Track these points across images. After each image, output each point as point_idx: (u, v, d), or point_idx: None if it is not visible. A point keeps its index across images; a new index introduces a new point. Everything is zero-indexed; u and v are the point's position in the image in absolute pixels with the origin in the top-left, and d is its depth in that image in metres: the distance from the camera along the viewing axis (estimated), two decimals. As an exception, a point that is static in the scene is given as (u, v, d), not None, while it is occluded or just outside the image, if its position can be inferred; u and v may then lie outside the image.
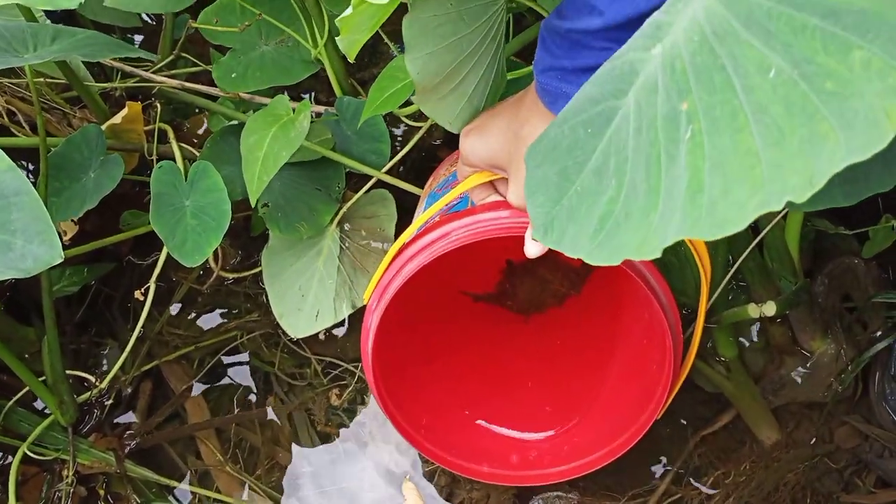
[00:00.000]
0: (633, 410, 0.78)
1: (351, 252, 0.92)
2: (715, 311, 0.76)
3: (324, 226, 0.91)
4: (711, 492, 0.84)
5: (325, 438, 0.92)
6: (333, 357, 0.95)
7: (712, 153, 0.35)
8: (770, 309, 0.63)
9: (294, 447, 0.92)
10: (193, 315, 0.99)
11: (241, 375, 0.97)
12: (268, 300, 0.98)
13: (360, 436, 0.91)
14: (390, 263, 0.70)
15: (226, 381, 0.96)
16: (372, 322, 0.71)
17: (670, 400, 0.76)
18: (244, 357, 0.97)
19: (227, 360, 0.97)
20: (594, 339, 0.87)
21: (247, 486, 0.90)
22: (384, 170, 0.88)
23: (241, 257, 0.99)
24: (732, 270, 0.70)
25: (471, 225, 0.66)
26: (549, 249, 0.47)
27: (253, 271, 0.98)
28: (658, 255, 0.38)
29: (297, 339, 0.96)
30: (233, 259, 0.98)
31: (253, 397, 0.96)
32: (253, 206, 0.85)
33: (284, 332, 0.96)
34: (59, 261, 0.63)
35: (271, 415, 0.94)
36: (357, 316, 0.92)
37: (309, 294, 0.90)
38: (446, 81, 0.57)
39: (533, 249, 0.63)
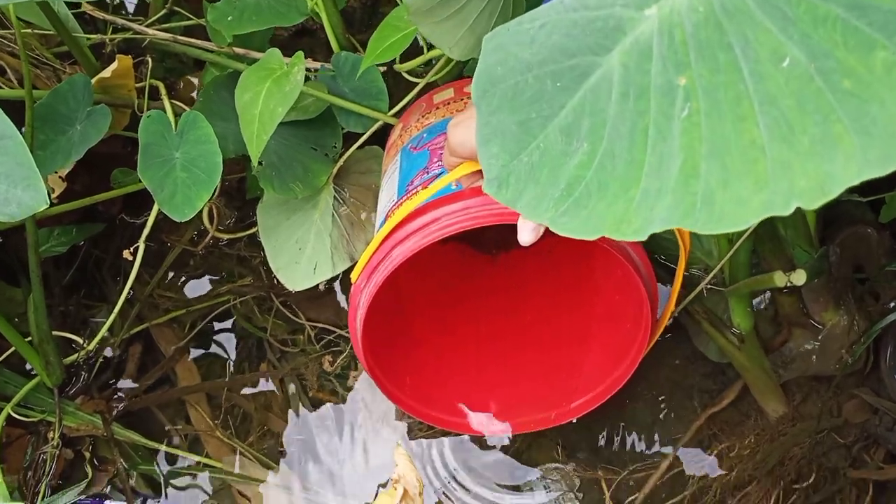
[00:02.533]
0: (611, 364, 0.78)
1: (347, 206, 0.89)
2: (734, 278, 0.73)
3: (319, 186, 0.88)
4: (715, 465, 0.81)
5: (318, 405, 0.90)
6: (327, 323, 0.92)
7: (711, 137, 0.33)
8: (799, 277, 0.59)
9: (287, 414, 0.90)
10: (185, 278, 0.97)
11: (232, 340, 0.94)
12: (261, 265, 0.95)
13: (353, 402, 0.89)
14: (380, 244, 0.67)
15: (217, 345, 0.94)
16: (361, 301, 0.69)
17: (644, 352, 0.75)
18: (236, 322, 0.95)
19: (218, 324, 0.95)
20: (568, 294, 0.86)
21: (238, 453, 0.87)
22: (378, 125, 0.85)
23: (235, 219, 0.96)
24: (747, 234, 0.67)
25: (461, 211, 0.64)
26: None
27: (248, 232, 0.95)
28: (643, 237, 0.36)
29: (290, 305, 0.94)
30: (227, 220, 0.95)
31: (245, 363, 0.93)
32: (255, 165, 0.82)
33: (278, 296, 0.94)
34: (45, 206, 0.61)
35: (263, 381, 0.91)
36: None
37: (306, 247, 0.87)
38: (443, 5, 0.54)
39: (527, 237, 0.60)
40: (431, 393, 0.81)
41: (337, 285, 0.94)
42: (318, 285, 0.89)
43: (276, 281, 0.91)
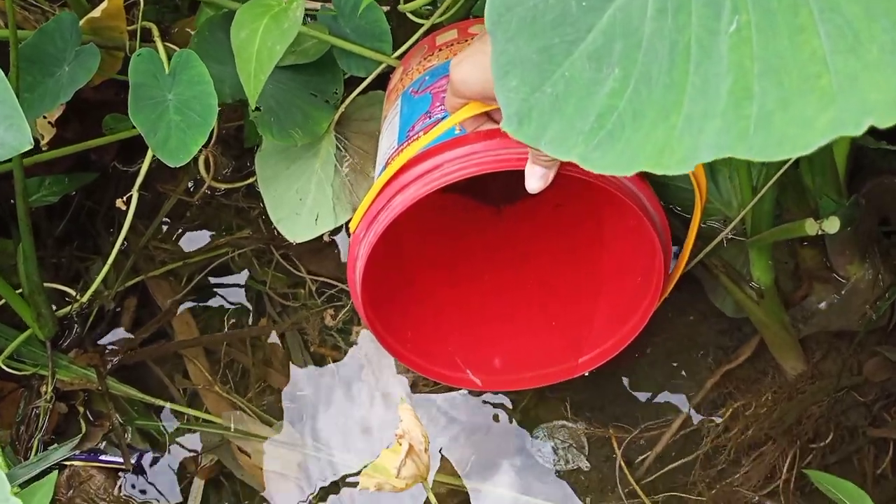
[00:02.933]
0: (621, 319, 0.75)
1: (349, 155, 0.85)
2: (757, 229, 0.69)
3: (320, 133, 0.84)
4: (730, 424, 0.79)
5: (319, 360, 0.87)
6: (328, 276, 0.89)
7: (764, 54, 0.29)
8: (832, 225, 0.56)
9: (287, 369, 0.87)
10: (182, 230, 0.93)
11: (231, 294, 0.91)
12: (260, 216, 0.92)
13: (356, 357, 0.86)
14: (379, 192, 0.64)
15: (215, 299, 0.91)
16: (360, 252, 0.66)
17: (655, 306, 0.71)
18: (235, 275, 0.92)
19: (216, 278, 0.92)
20: (576, 247, 0.82)
21: (237, 409, 0.85)
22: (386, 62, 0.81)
23: (232, 168, 0.93)
24: (772, 181, 0.63)
25: (465, 157, 0.61)
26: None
27: (246, 182, 0.91)
28: (688, 168, 0.32)
29: (291, 258, 0.91)
30: (224, 169, 0.92)
31: (244, 317, 0.90)
32: (252, 108, 0.78)
33: (277, 248, 0.91)
34: (29, 147, 0.58)
35: (263, 336, 0.89)
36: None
37: (307, 198, 0.84)
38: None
39: (535, 184, 0.57)
40: (433, 348, 0.79)
41: (339, 237, 0.91)
42: (319, 237, 0.86)
43: (275, 233, 0.87)
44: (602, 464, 0.82)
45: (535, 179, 0.58)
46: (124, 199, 0.83)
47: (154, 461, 0.82)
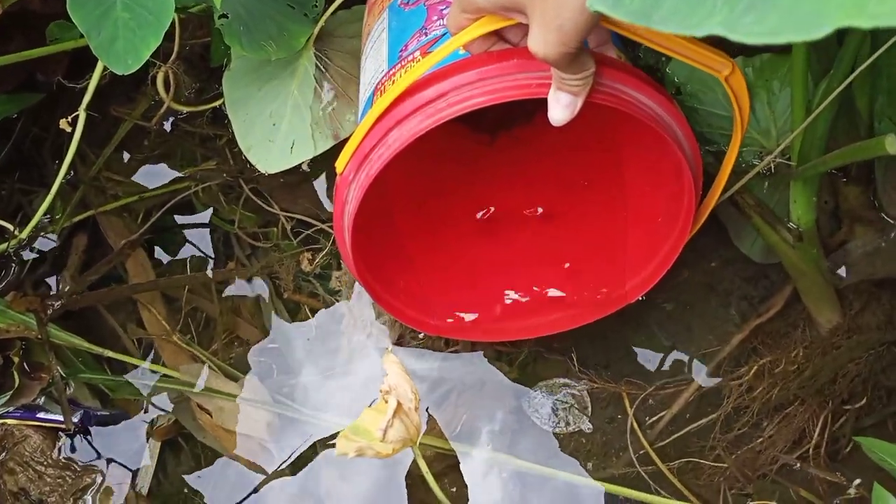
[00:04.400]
0: (642, 257, 0.67)
1: (330, 75, 0.75)
2: (805, 158, 0.59)
3: (297, 48, 0.73)
4: (754, 383, 0.70)
5: (294, 309, 0.77)
6: (305, 214, 0.79)
7: None
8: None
9: (258, 319, 0.77)
10: (139, 160, 0.83)
11: (194, 234, 0.81)
12: (228, 145, 0.81)
13: (336, 306, 0.76)
14: (372, 126, 0.54)
15: (176, 239, 0.81)
16: (349, 197, 0.56)
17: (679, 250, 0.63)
18: (199, 212, 0.81)
19: (177, 215, 0.81)
20: (588, 177, 0.73)
21: (199, 361, 0.75)
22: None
23: (196, 89, 0.82)
24: (829, 99, 0.53)
25: (476, 83, 0.51)
26: None
27: (212, 105, 0.80)
28: None
29: (262, 193, 0.80)
30: (188, 90, 0.81)
31: (209, 260, 0.80)
32: (218, 14, 0.68)
33: (247, 182, 0.81)
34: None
35: (231, 280, 0.79)
36: (337, 154, 0.76)
37: (282, 122, 0.73)
38: None
39: (560, 114, 0.48)
40: (431, 299, 0.69)
41: (318, 169, 0.80)
42: (295, 169, 0.76)
43: (245, 164, 0.77)
44: (606, 425, 0.73)
45: (561, 109, 0.48)
46: (69, 118, 0.72)
47: (102, 420, 0.73)
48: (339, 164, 0.56)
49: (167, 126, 0.83)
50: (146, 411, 0.74)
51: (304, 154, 0.74)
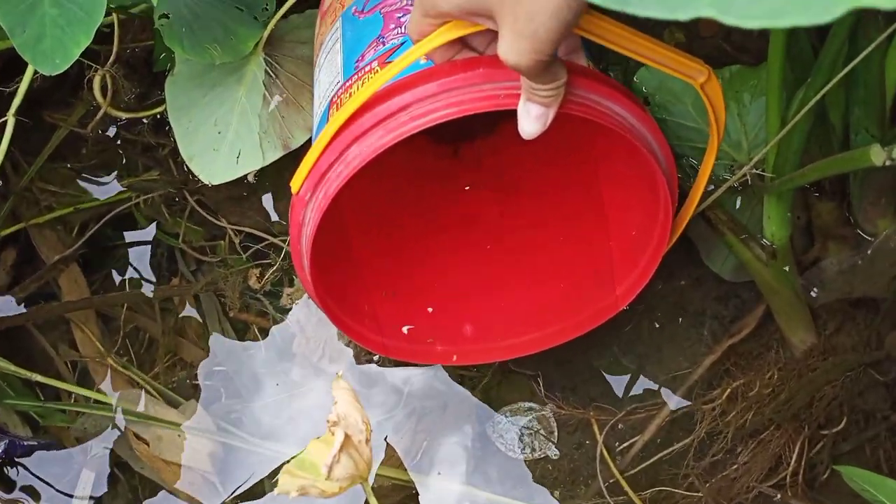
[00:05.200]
0: (620, 269, 0.63)
1: (281, 82, 0.71)
2: (780, 171, 0.56)
3: (244, 52, 0.69)
4: (727, 407, 0.67)
5: (243, 329, 0.72)
6: (254, 228, 0.74)
7: None
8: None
9: (204, 340, 0.72)
10: (75, 169, 0.77)
11: (134, 249, 0.76)
12: (172, 155, 0.76)
13: (286, 326, 0.72)
14: (330, 143, 0.50)
15: (114, 254, 0.75)
16: (307, 218, 0.52)
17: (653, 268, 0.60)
18: (140, 225, 0.76)
19: (117, 229, 0.76)
20: (558, 187, 0.69)
21: (142, 391, 0.70)
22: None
23: (137, 95, 0.77)
24: (805, 110, 0.50)
25: (440, 94, 0.47)
26: None
27: (153, 111, 0.75)
28: None
29: (208, 206, 0.75)
30: (127, 95, 0.75)
31: (151, 277, 0.75)
32: (158, 14, 0.63)
33: (192, 194, 0.76)
34: None
35: (177, 298, 0.74)
36: (288, 165, 0.72)
37: (228, 131, 0.69)
38: None
39: (531, 127, 0.45)
40: (397, 323, 0.65)
41: (266, 182, 0.76)
42: (243, 179, 0.71)
43: (190, 175, 0.72)
44: (574, 451, 0.69)
45: (531, 121, 0.45)
46: (-4, 124, 0.67)
47: (30, 449, 0.67)
48: (295, 184, 0.51)
49: (109, 134, 0.78)
50: (80, 440, 0.69)
51: (252, 164, 0.69)
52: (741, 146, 0.64)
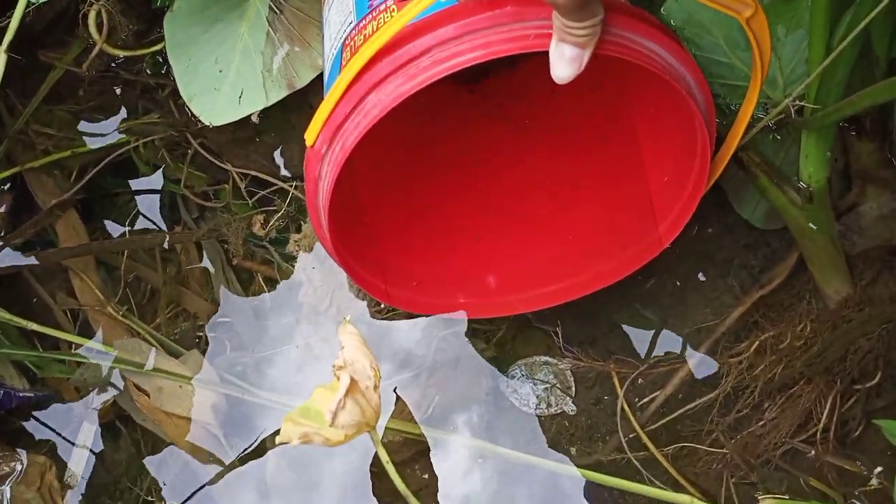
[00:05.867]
0: (642, 222, 0.61)
1: (286, 18, 0.67)
2: (822, 104, 0.52)
3: (247, -15, 0.65)
4: (755, 360, 0.63)
5: (248, 278, 0.70)
6: (260, 171, 0.71)
7: None
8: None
9: (208, 289, 0.70)
10: (73, 111, 0.74)
11: (134, 194, 0.73)
12: (172, 96, 0.73)
13: (293, 274, 0.69)
14: (346, 91, 0.46)
15: (114, 200, 0.72)
16: (324, 172, 0.49)
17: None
18: (140, 170, 0.73)
19: (116, 174, 0.73)
20: (587, 128, 0.66)
21: (142, 340, 0.67)
22: None
23: (135, 32, 0.73)
24: (850, 38, 0.46)
25: (465, 36, 0.44)
26: None
27: (151, 49, 0.72)
28: None
29: (213, 149, 0.72)
30: (125, 32, 0.72)
31: (151, 223, 0.72)
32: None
33: (195, 137, 0.72)
34: None
35: (179, 245, 0.71)
36: (294, 106, 0.68)
37: (230, 69, 0.66)
38: None
39: (564, 71, 0.41)
40: (423, 276, 0.63)
41: (271, 123, 0.72)
42: (246, 121, 0.68)
43: (191, 118, 0.69)
44: (591, 407, 0.66)
45: (565, 64, 0.41)
46: (-14, 61, 0.63)
47: (26, 401, 0.64)
48: (309, 136, 0.48)
49: (107, 74, 0.74)
50: (79, 391, 0.66)
51: (255, 104, 0.66)
52: (776, 83, 0.60)
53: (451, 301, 0.64)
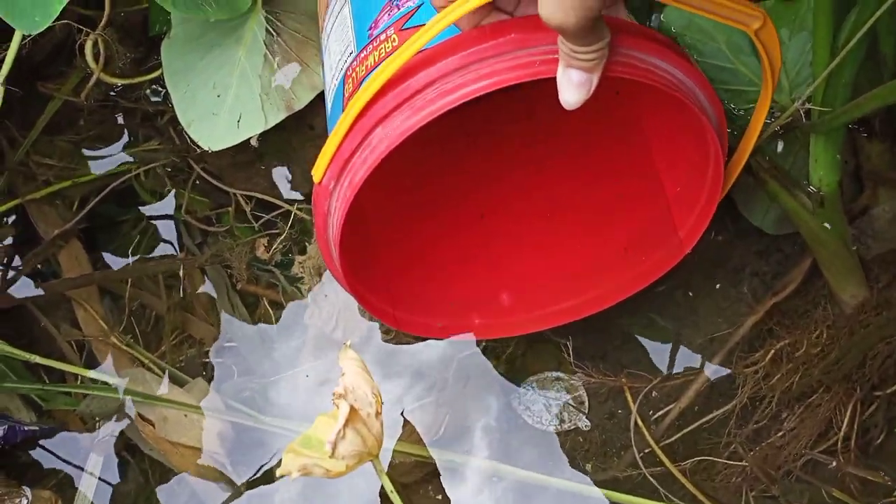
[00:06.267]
0: (660, 230, 0.60)
1: (283, 40, 0.66)
2: (829, 106, 0.51)
3: (242, 9, 0.65)
4: (771, 369, 0.62)
5: (254, 302, 0.69)
6: (263, 193, 0.70)
7: None
8: None
9: (214, 315, 0.69)
10: (73, 141, 0.74)
11: (137, 222, 0.72)
12: (172, 123, 0.73)
13: (298, 297, 0.68)
14: (352, 126, 0.45)
15: (117, 228, 0.72)
16: (333, 207, 0.49)
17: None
18: (141, 198, 0.73)
19: (118, 203, 0.73)
20: (594, 147, 0.65)
21: (140, 366, 0.66)
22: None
23: (132, 60, 0.73)
24: (857, 37, 0.45)
25: (471, 66, 0.43)
26: None
27: (150, 76, 0.72)
28: None
29: (214, 173, 0.71)
30: (122, 61, 0.72)
31: (154, 251, 0.71)
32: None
33: (197, 162, 0.72)
34: None
35: (183, 271, 0.70)
36: (294, 128, 0.68)
37: (227, 94, 0.65)
38: None
39: (573, 96, 0.40)
40: (434, 299, 0.62)
41: (270, 147, 0.72)
42: (246, 145, 0.67)
43: (191, 143, 0.68)
44: (605, 422, 0.65)
45: (573, 90, 0.40)
46: (-16, 94, 0.63)
47: (31, 435, 0.64)
48: (317, 173, 0.47)
49: (106, 103, 0.74)
50: (85, 423, 0.66)
51: (254, 128, 0.65)
52: (782, 86, 0.59)
53: (466, 323, 0.63)
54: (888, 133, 0.58)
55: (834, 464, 0.59)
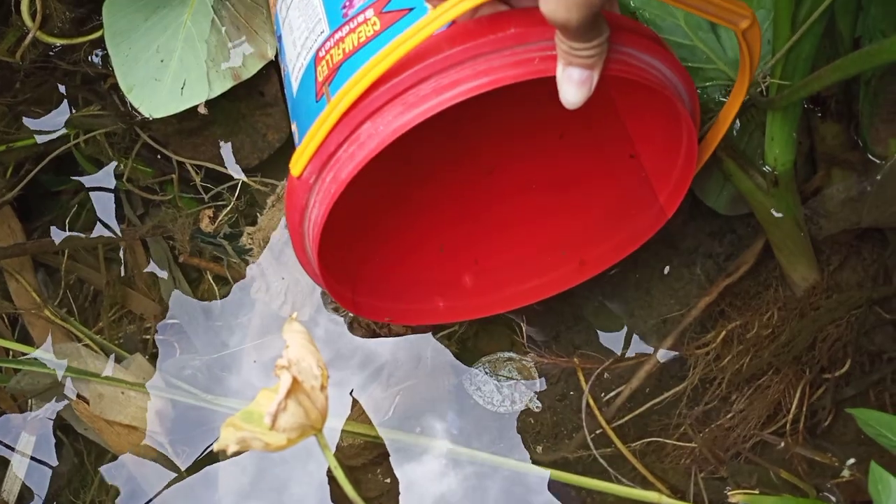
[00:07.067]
0: (639, 200, 0.59)
1: (231, 4, 0.64)
2: (786, 79, 0.50)
3: (189, -31, 0.62)
4: (722, 351, 0.62)
5: (196, 278, 0.66)
6: (209, 163, 0.68)
7: None
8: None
9: (156, 290, 0.66)
10: (8, 104, 0.70)
11: (76, 190, 0.69)
12: (115, 89, 0.70)
13: (245, 271, 0.66)
14: (339, 120, 0.43)
15: (55, 199, 0.69)
16: (312, 202, 0.46)
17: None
18: (80, 168, 0.69)
19: (57, 171, 0.69)
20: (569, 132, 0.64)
21: (75, 341, 0.63)
22: None
23: (73, 20, 0.69)
24: (819, 11, 0.44)
25: (467, 62, 0.41)
26: None
27: (90, 37, 0.68)
28: None
29: (161, 140, 0.69)
30: (62, 20, 0.68)
31: (93, 222, 0.68)
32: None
33: (142, 129, 0.69)
34: None
35: (124, 244, 0.67)
36: (243, 95, 0.65)
37: (171, 59, 0.62)
38: None
39: (574, 95, 0.39)
40: (394, 282, 0.60)
41: (218, 115, 0.69)
42: (193, 112, 0.64)
43: (132, 109, 0.65)
44: (556, 403, 0.64)
45: (574, 88, 0.39)
46: None
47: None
48: (296, 167, 0.44)
49: (45, 65, 0.71)
50: (16, 401, 0.63)
51: (198, 96, 0.63)
52: (738, 63, 0.58)
53: (431, 307, 0.61)
54: (843, 114, 0.58)
55: (782, 445, 0.59)
